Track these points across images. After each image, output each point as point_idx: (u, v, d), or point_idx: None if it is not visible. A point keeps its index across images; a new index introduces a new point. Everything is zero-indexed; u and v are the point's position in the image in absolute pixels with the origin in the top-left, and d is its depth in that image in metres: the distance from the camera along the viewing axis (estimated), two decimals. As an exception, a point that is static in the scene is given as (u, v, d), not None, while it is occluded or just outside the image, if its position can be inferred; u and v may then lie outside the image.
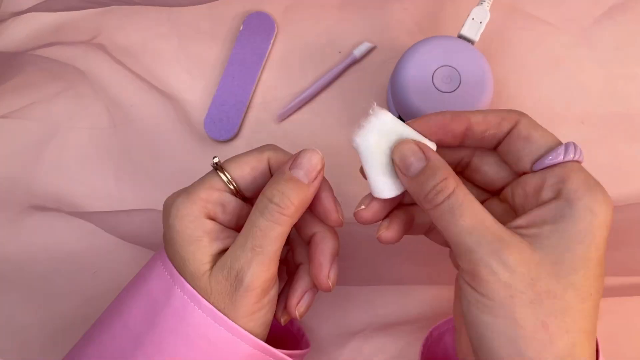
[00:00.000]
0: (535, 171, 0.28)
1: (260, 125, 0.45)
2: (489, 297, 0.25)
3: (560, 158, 0.27)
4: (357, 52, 0.44)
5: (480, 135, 0.29)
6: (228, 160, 0.31)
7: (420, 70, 0.38)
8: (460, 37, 0.40)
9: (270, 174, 0.32)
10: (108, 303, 0.33)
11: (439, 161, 0.28)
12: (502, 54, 0.44)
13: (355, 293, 0.42)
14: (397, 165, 0.28)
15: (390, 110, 0.43)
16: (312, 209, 0.31)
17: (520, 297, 0.25)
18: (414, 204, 0.32)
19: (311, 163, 0.30)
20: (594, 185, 0.26)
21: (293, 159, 0.30)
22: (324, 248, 0.31)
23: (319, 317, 0.42)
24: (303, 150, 0.30)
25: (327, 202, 0.31)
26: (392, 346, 0.41)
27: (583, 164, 0.28)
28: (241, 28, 0.45)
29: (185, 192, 0.31)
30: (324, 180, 0.31)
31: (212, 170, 0.31)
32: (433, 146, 0.29)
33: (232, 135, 0.44)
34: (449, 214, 0.26)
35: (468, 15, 0.40)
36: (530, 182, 0.28)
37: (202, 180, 0.31)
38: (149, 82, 0.45)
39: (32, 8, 0.43)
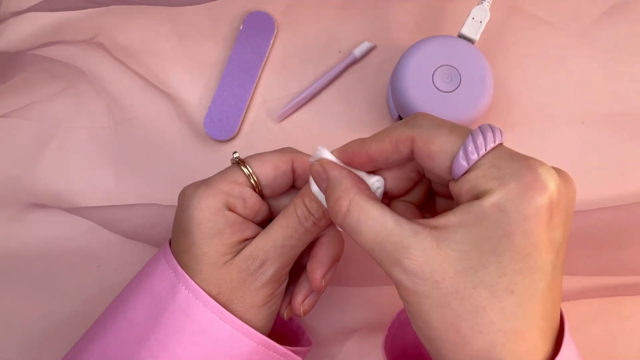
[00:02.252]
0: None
1: (260, 125, 0.45)
2: (405, 300, 0.25)
3: (465, 167, 0.24)
4: (357, 51, 0.44)
5: (387, 163, 0.28)
6: (250, 156, 0.32)
7: (420, 70, 0.38)
8: (461, 36, 0.40)
9: (294, 176, 0.32)
10: (111, 299, 0.33)
11: (335, 179, 0.27)
12: (502, 54, 0.44)
13: (353, 292, 0.42)
14: (315, 183, 0.29)
15: (390, 110, 0.43)
16: None
17: (426, 301, 0.24)
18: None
19: None
20: (509, 175, 0.23)
21: None
22: (329, 249, 0.32)
23: (318, 315, 0.42)
24: None
25: None
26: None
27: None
28: (241, 28, 0.45)
29: (206, 184, 0.31)
30: None
31: (233, 165, 0.32)
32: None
33: (232, 135, 0.44)
34: (352, 232, 0.26)
35: (468, 14, 0.40)
36: (453, 190, 0.26)
37: (223, 173, 0.31)
38: (149, 81, 0.45)
39: (32, 8, 0.43)
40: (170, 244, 0.32)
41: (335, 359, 0.42)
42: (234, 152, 0.32)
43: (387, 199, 0.30)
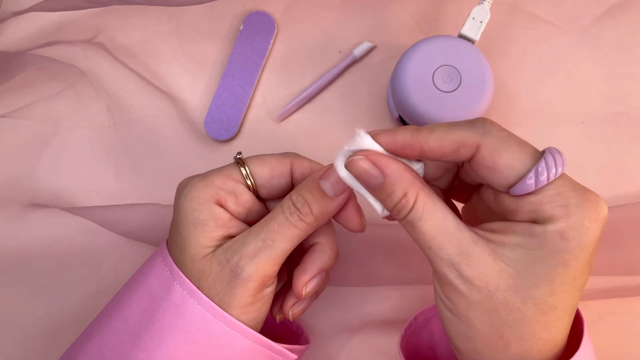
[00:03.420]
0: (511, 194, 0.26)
1: (260, 125, 0.45)
2: (451, 301, 0.26)
3: (532, 188, 0.25)
4: (357, 51, 0.44)
5: (439, 160, 0.28)
6: (250, 157, 0.32)
7: (420, 70, 0.38)
8: (461, 36, 0.40)
9: (292, 179, 0.32)
10: (110, 298, 0.33)
11: (395, 175, 0.26)
12: (502, 54, 0.44)
13: (355, 292, 0.42)
14: (358, 179, 0.27)
15: (390, 110, 0.43)
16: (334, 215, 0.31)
17: (477, 307, 0.26)
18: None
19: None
20: (573, 205, 0.24)
21: (325, 169, 0.30)
22: (316, 258, 0.31)
23: (319, 316, 0.42)
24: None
25: (350, 210, 0.31)
26: (392, 344, 0.41)
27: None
28: (241, 27, 0.45)
29: (201, 176, 0.31)
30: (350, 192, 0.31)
31: (232, 163, 0.32)
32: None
33: (232, 135, 0.44)
34: (410, 227, 0.27)
35: (468, 14, 0.40)
36: (506, 202, 0.26)
37: (220, 168, 0.32)
38: (149, 81, 0.45)
39: (32, 7, 0.43)
40: (167, 242, 0.32)
41: (336, 359, 0.42)
42: (238, 152, 0.32)
43: None
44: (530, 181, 0.25)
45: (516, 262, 0.25)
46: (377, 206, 0.28)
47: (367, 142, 0.27)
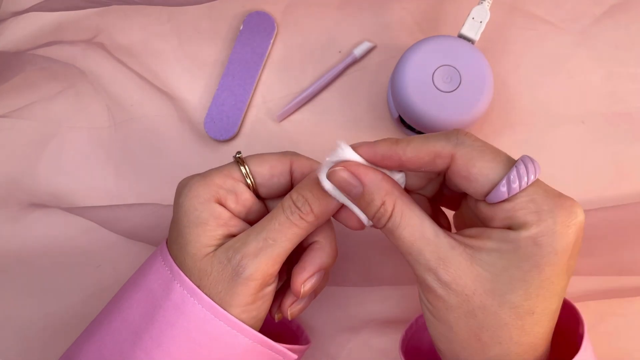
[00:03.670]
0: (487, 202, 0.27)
1: (260, 125, 0.45)
2: (431, 304, 0.27)
3: (505, 196, 0.26)
4: (357, 51, 0.44)
5: (416, 170, 0.29)
6: (249, 156, 0.32)
7: (420, 70, 0.38)
8: (461, 36, 0.40)
9: (292, 178, 0.32)
10: (110, 298, 0.33)
11: (373, 184, 0.28)
12: (502, 54, 0.44)
13: (355, 292, 0.42)
14: (339, 189, 0.29)
15: (390, 110, 0.43)
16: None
17: (455, 310, 0.26)
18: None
19: None
20: (545, 211, 0.25)
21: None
22: (315, 257, 0.32)
23: (319, 316, 0.42)
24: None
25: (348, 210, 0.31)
26: (392, 344, 0.41)
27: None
28: (241, 27, 0.45)
29: (201, 175, 0.31)
30: None
31: (232, 162, 0.32)
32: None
33: (232, 134, 0.44)
34: (390, 234, 0.28)
35: (468, 14, 0.40)
36: (483, 209, 0.27)
37: (220, 167, 0.32)
38: (149, 81, 0.45)
39: (32, 7, 0.43)
40: (167, 241, 0.32)
41: (336, 359, 0.42)
42: (238, 152, 0.32)
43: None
44: (503, 189, 0.25)
45: (492, 267, 0.26)
46: (362, 216, 0.29)
47: (348, 154, 0.28)
